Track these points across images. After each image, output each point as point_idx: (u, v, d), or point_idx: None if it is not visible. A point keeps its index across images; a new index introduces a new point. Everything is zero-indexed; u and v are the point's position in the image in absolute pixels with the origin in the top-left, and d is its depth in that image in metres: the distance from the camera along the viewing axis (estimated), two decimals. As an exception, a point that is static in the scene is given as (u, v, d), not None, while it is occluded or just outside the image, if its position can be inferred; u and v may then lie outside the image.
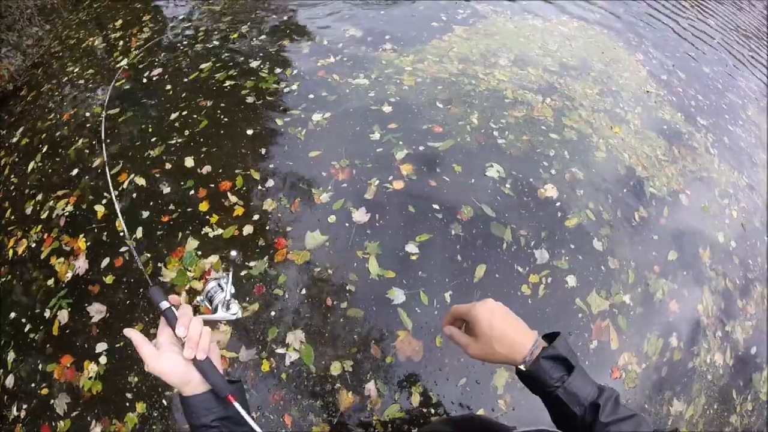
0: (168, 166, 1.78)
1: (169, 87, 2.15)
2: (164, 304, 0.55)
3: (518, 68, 2.31)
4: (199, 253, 1.55)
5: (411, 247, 1.51)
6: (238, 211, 1.59)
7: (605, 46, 2.97)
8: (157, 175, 1.76)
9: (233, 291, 0.60)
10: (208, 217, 1.60)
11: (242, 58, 2.23)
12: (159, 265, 1.55)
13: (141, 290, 1.53)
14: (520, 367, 0.59)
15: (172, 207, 1.67)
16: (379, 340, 1.40)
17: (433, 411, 1.36)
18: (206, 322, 0.55)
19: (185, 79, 2.16)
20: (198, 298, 0.62)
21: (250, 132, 1.86)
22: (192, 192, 1.69)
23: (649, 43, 3.26)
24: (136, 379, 1.41)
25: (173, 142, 1.87)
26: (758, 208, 2.36)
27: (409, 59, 2.21)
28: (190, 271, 1.52)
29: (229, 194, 1.66)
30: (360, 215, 1.54)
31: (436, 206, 1.61)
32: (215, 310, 0.58)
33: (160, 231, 1.61)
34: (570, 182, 1.86)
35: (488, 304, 0.61)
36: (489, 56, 2.34)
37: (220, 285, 0.60)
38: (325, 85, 2.06)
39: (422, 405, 1.35)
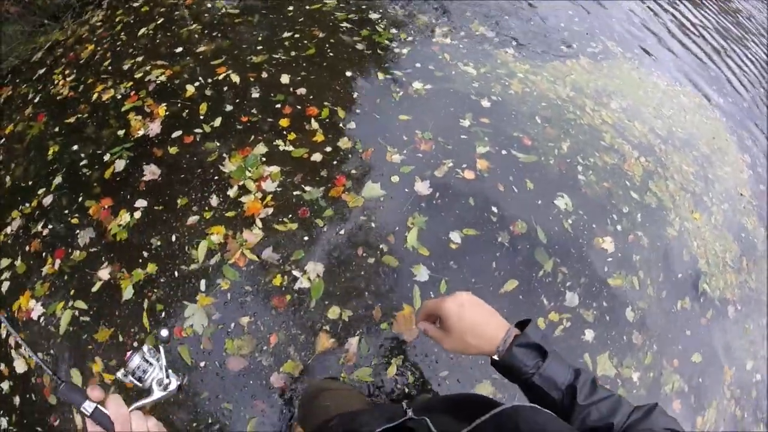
0: (264, 75, 1.73)
1: (291, 8, 2.08)
2: (88, 406, 0.40)
3: (626, 117, 2.03)
4: (264, 159, 1.50)
5: (455, 236, 1.38)
6: (316, 137, 1.52)
7: (717, 133, 2.57)
8: (252, 80, 1.71)
9: (165, 363, 0.46)
10: (285, 132, 1.55)
11: (365, 7, 2.11)
12: (224, 155, 1.52)
13: (198, 170, 1.51)
14: (494, 357, 0.55)
15: (254, 111, 1.63)
16: (384, 306, 1.31)
17: (400, 388, 1.28)
18: (144, 409, 0.41)
19: (308, 6, 2.08)
20: (118, 374, 0.47)
21: (349, 74, 1.76)
22: (278, 105, 1.64)
23: (761, 149, 2.80)
24: (158, 243, 1.41)
25: (277, 56, 1.81)
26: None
27: (524, 68, 2.00)
28: (249, 171, 1.48)
29: (312, 120, 1.59)
30: (422, 187, 1.43)
31: (494, 209, 1.46)
32: (149, 391, 0.45)
33: (236, 127, 1.58)
34: (631, 244, 1.64)
35: (458, 297, 0.56)
36: (602, 95, 2.07)
37: (146, 359, 0.45)
38: (434, 60, 1.90)
39: (394, 378, 1.26)
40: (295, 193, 1.40)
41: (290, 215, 1.36)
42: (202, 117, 1.63)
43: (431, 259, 1.35)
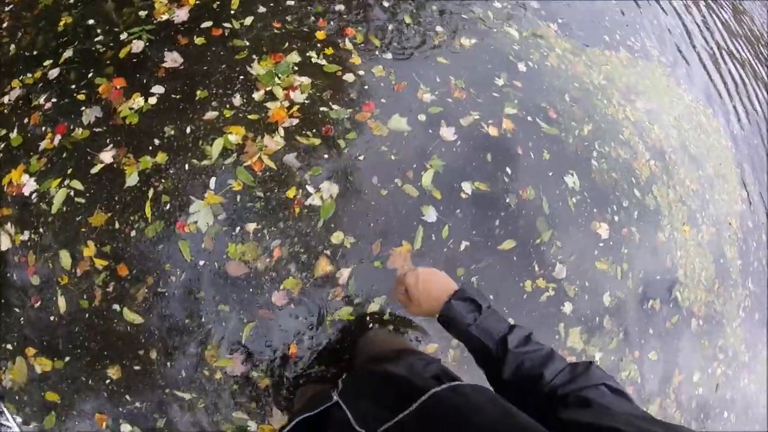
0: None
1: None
2: None
3: (647, 119, 2.17)
4: (296, 68, 1.53)
5: (466, 186, 1.49)
6: (352, 59, 1.56)
7: (725, 161, 2.77)
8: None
9: (18, 420, 0.45)
10: (320, 45, 1.57)
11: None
12: (253, 56, 1.53)
13: (223, 66, 1.51)
14: (438, 312, 0.65)
15: (289, 18, 1.63)
16: (383, 242, 1.39)
17: (376, 326, 1.38)
18: None
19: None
20: None
21: (388, 4, 1.77)
22: (313, 18, 1.65)
23: (760, 189, 3.04)
24: (172, 132, 1.43)
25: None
26: (738, 389, 2.29)
27: (564, 46, 2.08)
28: (279, 78, 1.51)
29: (347, 40, 1.62)
30: (447, 132, 1.51)
31: (508, 170, 1.56)
32: None
33: (268, 32, 1.58)
34: (623, 237, 1.80)
35: (416, 271, 0.70)
36: (631, 92, 2.19)
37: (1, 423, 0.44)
38: (477, 20, 1.94)
39: (372, 317, 1.36)
40: (322, 108, 1.45)
41: (314, 130, 1.41)
42: (233, 12, 1.63)
43: (441, 203, 1.45)
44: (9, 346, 1.48)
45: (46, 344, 1.44)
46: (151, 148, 1.42)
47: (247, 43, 1.55)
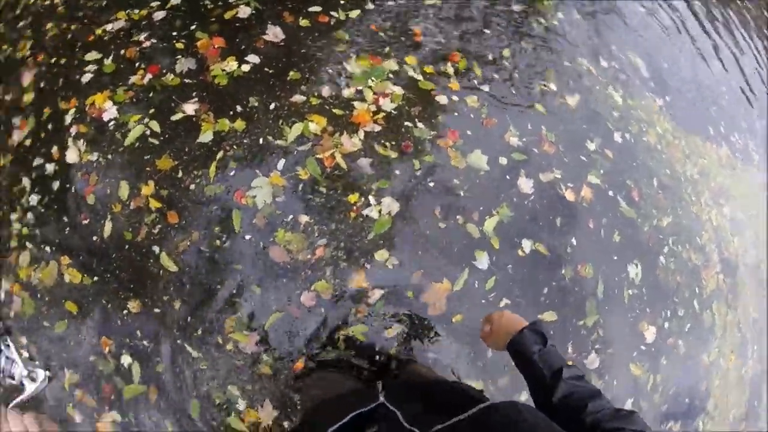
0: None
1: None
2: None
3: (731, 228, 2.04)
4: (391, 76, 1.53)
5: (526, 245, 1.44)
6: (450, 83, 1.54)
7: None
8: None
9: (24, 355, 0.45)
10: (418, 60, 1.56)
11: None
12: (351, 53, 1.53)
13: (320, 54, 1.50)
14: (510, 338, 0.74)
15: (389, 24, 1.62)
16: (425, 273, 1.36)
17: (385, 356, 1.36)
18: (23, 407, 0.40)
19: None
20: None
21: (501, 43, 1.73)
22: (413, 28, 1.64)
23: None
24: (256, 103, 1.45)
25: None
26: None
27: (666, 126, 1.98)
28: (372, 81, 1.51)
29: (449, 64, 1.60)
30: (524, 184, 1.46)
31: (573, 241, 1.51)
32: (22, 388, 0.44)
33: (371, 32, 1.58)
34: (668, 346, 1.70)
35: (503, 311, 0.83)
36: (722, 194, 2.06)
37: (8, 357, 0.44)
38: (584, 74, 1.87)
39: (388, 340, 1.34)
40: (407, 123, 1.44)
41: (394, 142, 1.40)
42: (342, 2, 1.64)
43: (496, 253, 1.41)
44: (48, 249, 1.57)
45: (82, 259, 1.51)
46: (232, 113, 1.46)
47: (348, 38, 1.56)
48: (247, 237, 1.35)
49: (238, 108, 1.45)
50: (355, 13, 1.62)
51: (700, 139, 2.10)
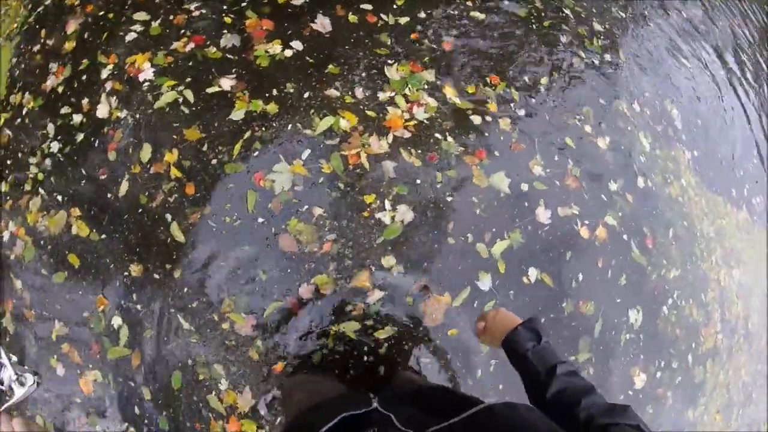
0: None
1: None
2: None
3: (736, 291, 2.04)
4: (426, 87, 1.55)
5: (532, 273, 1.46)
6: (488, 105, 1.55)
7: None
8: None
9: (13, 359, 0.47)
10: (457, 78, 1.58)
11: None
12: (391, 60, 1.55)
13: (362, 54, 1.51)
14: (505, 336, 0.75)
15: (426, 48, 1.63)
16: (430, 285, 1.38)
17: (372, 359, 1.37)
18: (12, 412, 0.41)
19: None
20: None
21: (538, 69, 1.73)
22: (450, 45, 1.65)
23: None
24: (291, 89, 1.46)
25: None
26: None
27: (691, 180, 1.98)
28: (408, 89, 1.52)
29: (488, 85, 1.61)
30: (542, 214, 1.47)
31: (580, 276, 1.52)
32: (10, 392, 0.47)
33: (415, 49, 1.60)
34: (655, 397, 1.71)
35: (498, 309, 0.85)
36: (733, 257, 2.07)
37: None
38: (619, 116, 1.88)
39: (377, 343, 1.35)
40: (436, 135, 1.45)
41: (420, 151, 1.42)
42: (395, 6, 1.66)
43: (500, 277, 1.42)
44: (60, 198, 1.60)
45: (93, 215, 1.53)
46: (267, 95, 1.48)
47: (391, 42, 1.57)
48: (260, 220, 1.37)
49: (274, 91, 1.48)
50: (404, 20, 1.64)
51: (722, 199, 2.11)
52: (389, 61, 1.54)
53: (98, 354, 1.47)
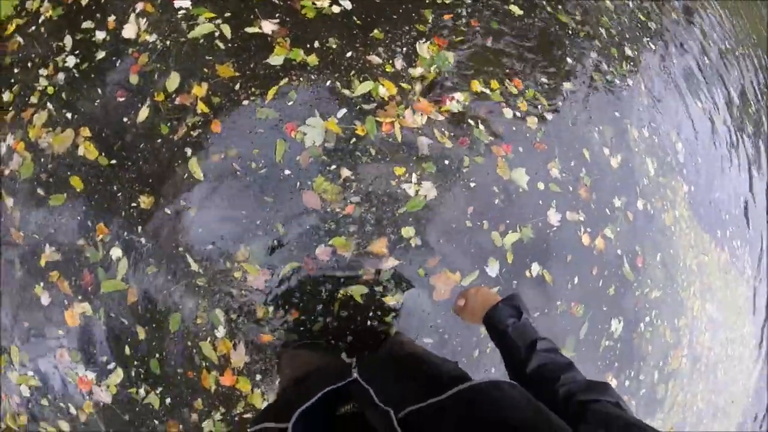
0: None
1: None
2: None
3: (706, 323, 2.23)
4: (455, 72, 1.59)
5: (535, 268, 1.56)
6: (519, 103, 1.64)
7: (737, 402, 2.81)
8: None
9: None
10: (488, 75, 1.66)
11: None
12: (425, 38, 1.58)
13: (407, 27, 1.55)
14: (485, 313, 0.78)
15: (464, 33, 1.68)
16: (441, 260, 1.43)
17: (378, 323, 1.41)
18: None
19: None
20: None
21: (568, 86, 1.83)
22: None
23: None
24: (334, 45, 1.47)
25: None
26: None
27: (684, 212, 2.15)
28: (435, 66, 1.55)
29: (514, 85, 1.69)
30: (552, 216, 1.58)
31: (576, 279, 1.64)
32: None
33: (454, 30, 1.65)
34: (622, 404, 1.85)
35: (479, 287, 0.89)
36: (709, 292, 2.25)
37: None
38: (631, 140, 2.02)
39: (379, 308, 1.37)
40: (470, 121, 1.53)
41: (452, 134, 1.50)
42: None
43: (507, 266, 1.51)
44: (69, 115, 1.54)
45: (104, 137, 1.48)
46: (308, 46, 1.49)
47: (431, 20, 1.60)
48: (286, 172, 1.39)
49: (316, 44, 1.49)
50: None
51: (708, 237, 2.30)
52: (424, 39, 1.56)
53: (90, 285, 1.42)
